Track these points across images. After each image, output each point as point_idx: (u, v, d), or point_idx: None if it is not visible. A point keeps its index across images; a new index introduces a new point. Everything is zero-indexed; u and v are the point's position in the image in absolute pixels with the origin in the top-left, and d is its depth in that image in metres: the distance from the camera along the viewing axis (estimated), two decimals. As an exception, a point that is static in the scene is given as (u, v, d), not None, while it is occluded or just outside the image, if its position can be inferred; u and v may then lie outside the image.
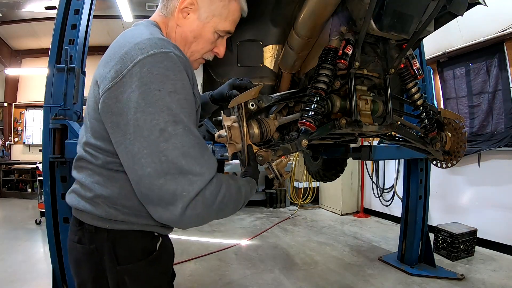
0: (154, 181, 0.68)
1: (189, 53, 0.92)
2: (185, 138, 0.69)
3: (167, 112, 0.68)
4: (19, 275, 2.79)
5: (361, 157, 2.37)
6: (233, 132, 1.03)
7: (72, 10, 2.05)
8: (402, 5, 1.03)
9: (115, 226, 0.80)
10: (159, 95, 0.68)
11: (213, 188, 0.71)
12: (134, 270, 0.80)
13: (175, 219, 0.69)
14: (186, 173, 0.68)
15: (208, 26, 0.89)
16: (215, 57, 1.49)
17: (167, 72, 0.70)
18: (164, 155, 0.67)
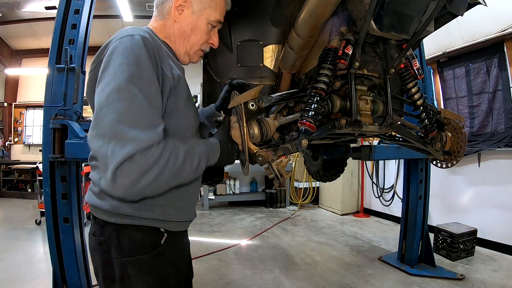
0: (94, 143, 0.72)
1: (189, 46, 1.01)
2: (127, 104, 0.72)
3: (114, 80, 0.74)
4: (19, 275, 2.79)
5: (361, 157, 2.37)
6: (233, 132, 1.03)
7: (72, 10, 2.05)
8: (402, 5, 1.03)
9: (119, 221, 0.85)
10: (112, 67, 0.76)
11: (150, 155, 0.71)
12: (137, 262, 0.85)
13: (109, 185, 0.71)
14: (119, 137, 0.70)
15: (202, 18, 1.00)
16: (215, 58, 1.50)
17: (126, 49, 0.78)
18: (104, 118, 0.71)
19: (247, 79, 1.58)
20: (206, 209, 5.78)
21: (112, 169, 0.69)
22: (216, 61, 1.58)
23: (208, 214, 5.48)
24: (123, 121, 0.71)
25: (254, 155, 1.03)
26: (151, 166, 0.72)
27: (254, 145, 1.06)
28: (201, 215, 5.39)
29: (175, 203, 0.93)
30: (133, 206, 0.84)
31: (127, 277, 0.85)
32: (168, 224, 0.91)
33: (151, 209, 0.87)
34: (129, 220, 0.85)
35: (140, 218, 0.86)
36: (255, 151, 1.03)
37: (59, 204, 1.99)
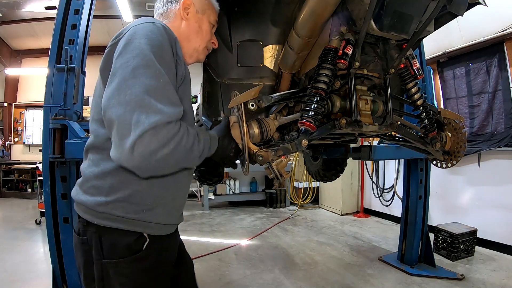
0: (113, 110, 0.73)
1: (198, 42, 1.10)
2: (154, 80, 0.75)
3: (142, 57, 0.76)
4: (19, 275, 2.79)
5: (361, 157, 2.37)
6: (233, 131, 1.03)
7: (72, 10, 2.05)
8: (402, 5, 1.03)
9: (102, 222, 0.85)
10: (137, 44, 0.78)
11: (169, 129, 0.74)
12: (117, 266, 0.85)
13: (126, 154, 0.71)
14: (145, 107, 0.72)
15: (205, 18, 1.10)
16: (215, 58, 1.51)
17: (149, 33, 0.81)
18: (129, 88, 0.73)
19: (247, 79, 1.58)
20: (206, 209, 5.78)
21: (135, 137, 0.70)
22: (216, 61, 1.58)
23: (208, 214, 5.48)
24: (150, 94, 0.73)
25: (254, 155, 1.03)
26: (169, 140, 0.74)
27: (254, 145, 1.06)
28: (201, 215, 5.39)
29: (163, 203, 0.92)
30: (120, 204, 0.85)
31: (107, 278, 0.85)
32: (151, 228, 0.90)
33: (137, 209, 0.86)
34: (112, 223, 0.85)
35: (123, 219, 0.85)
36: (255, 151, 1.03)
37: (59, 204, 1.99)
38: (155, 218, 0.90)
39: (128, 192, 0.85)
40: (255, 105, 1.07)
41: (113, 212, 0.85)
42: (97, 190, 0.86)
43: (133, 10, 5.59)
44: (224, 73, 1.59)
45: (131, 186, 0.85)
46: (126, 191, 0.85)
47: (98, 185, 0.87)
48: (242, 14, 1.47)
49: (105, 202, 0.85)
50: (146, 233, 0.88)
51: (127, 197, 0.85)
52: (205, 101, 1.69)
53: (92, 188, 0.87)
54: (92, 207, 0.86)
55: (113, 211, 0.85)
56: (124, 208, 0.85)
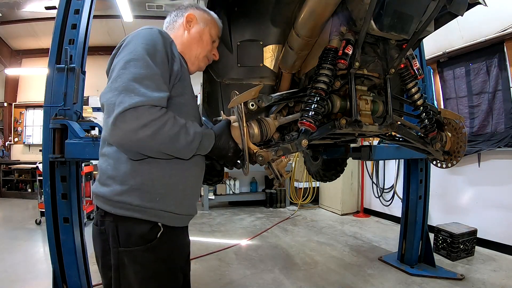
0: (105, 96, 0.82)
1: (199, 50, 1.19)
2: (143, 70, 0.84)
3: (134, 53, 0.87)
4: (19, 275, 2.79)
5: (361, 157, 2.37)
6: (233, 131, 1.03)
7: (72, 10, 2.05)
8: (402, 5, 1.03)
9: (119, 212, 0.91)
10: (133, 44, 0.89)
11: (152, 112, 0.80)
12: (132, 254, 0.90)
13: (110, 129, 0.79)
14: (130, 91, 0.80)
15: (206, 30, 1.21)
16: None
17: (146, 35, 0.92)
18: (119, 77, 0.82)
19: (247, 79, 1.58)
20: (206, 209, 5.78)
21: (116, 114, 0.77)
22: (216, 61, 1.58)
23: (208, 214, 5.48)
24: (136, 81, 0.81)
25: (254, 154, 1.03)
26: (151, 121, 0.79)
27: (254, 145, 1.06)
28: (201, 215, 5.39)
29: (174, 193, 0.97)
30: (134, 193, 0.90)
31: (122, 266, 0.90)
32: (165, 218, 0.94)
33: (151, 198, 0.92)
34: (128, 212, 0.90)
35: (139, 208, 0.90)
36: (255, 150, 1.03)
37: (59, 204, 1.99)
38: (168, 206, 0.95)
39: (140, 180, 0.91)
40: (255, 105, 1.07)
41: (129, 201, 0.90)
42: (113, 180, 0.93)
43: (133, 10, 5.59)
44: (224, 73, 1.59)
45: (143, 174, 0.92)
46: (138, 179, 0.91)
47: (113, 176, 0.93)
48: (242, 14, 1.47)
49: (120, 191, 0.91)
50: (160, 222, 0.93)
51: (139, 185, 0.91)
52: (205, 101, 1.70)
53: (108, 179, 0.94)
54: (109, 197, 0.92)
55: (128, 199, 0.90)
56: (139, 197, 0.91)
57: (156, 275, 0.92)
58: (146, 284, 0.91)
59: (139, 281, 0.90)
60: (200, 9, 1.23)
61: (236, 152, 1.02)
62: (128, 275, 0.90)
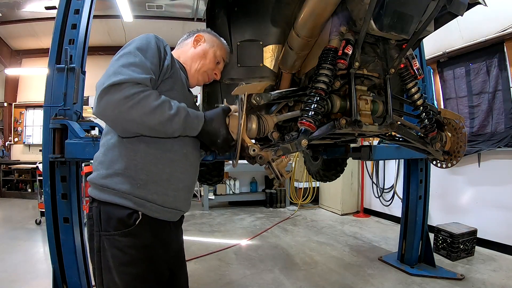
0: (98, 83, 0.89)
1: (199, 65, 1.26)
2: (132, 59, 0.92)
3: (128, 50, 0.96)
4: (19, 275, 2.79)
5: (361, 157, 2.37)
6: (231, 120, 1.04)
7: (72, 10, 2.05)
8: (402, 5, 1.03)
9: (102, 197, 0.96)
10: (129, 46, 0.98)
11: (135, 87, 0.87)
12: (111, 238, 0.94)
13: (96, 104, 0.87)
14: (117, 73, 0.88)
15: (211, 50, 1.29)
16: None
17: (141, 38, 1.02)
18: (112, 66, 0.91)
19: (247, 79, 1.58)
20: (206, 209, 5.78)
21: (102, 88, 0.85)
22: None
23: (208, 214, 5.48)
24: (124, 66, 0.90)
25: (246, 148, 1.03)
26: (133, 94, 0.86)
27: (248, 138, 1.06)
28: (201, 215, 5.39)
29: (157, 181, 1.00)
30: (116, 178, 0.96)
31: (103, 249, 0.95)
32: (146, 207, 0.97)
33: (134, 181, 0.96)
34: (109, 197, 0.95)
35: (119, 192, 0.95)
36: (249, 144, 1.03)
37: (59, 204, 1.98)
38: (149, 196, 0.97)
39: (124, 164, 0.96)
40: (257, 100, 1.08)
41: (111, 185, 0.95)
42: (101, 165, 1.00)
43: (133, 10, 5.59)
44: (224, 73, 1.59)
45: (128, 160, 0.97)
46: (122, 164, 0.96)
47: (102, 161, 1.00)
48: (242, 14, 1.47)
49: (105, 175, 0.97)
50: (140, 211, 0.96)
51: (123, 169, 0.96)
52: (205, 101, 1.70)
53: (98, 165, 1.01)
54: (95, 181, 0.99)
55: (111, 183, 0.96)
56: (121, 181, 0.95)
57: (132, 262, 0.94)
58: (123, 268, 0.94)
59: (117, 266, 0.94)
60: (211, 33, 1.33)
61: (227, 140, 1.02)
62: (107, 258, 0.94)
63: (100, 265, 0.96)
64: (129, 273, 0.94)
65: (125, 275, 0.94)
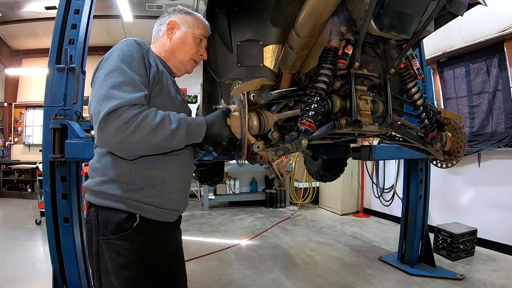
0: (91, 106, 0.90)
1: (182, 54, 1.21)
2: (120, 78, 0.91)
3: (112, 65, 0.94)
4: (19, 275, 2.79)
5: (361, 157, 2.37)
6: (233, 120, 1.03)
7: (72, 10, 2.05)
8: (402, 5, 1.03)
9: (99, 202, 0.97)
10: (111, 57, 0.97)
11: (131, 110, 0.86)
12: (109, 242, 0.95)
13: (98, 135, 0.87)
14: (110, 97, 0.87)
15: (188, 33, 1.21)
16: (215, 57, 1.50)
17: (122, 47, 1.00)
18: (101, 87, 0.90)
19: (247, 79, 1.58)
20: (206, 209, 5.78)
21: (100, 119, 0.84)
22: (216, 61, 1.58)
23: (208, 214, 5.48)
24: (114, 87, 0.88)
25: (250, 146, 1.03)
26: (131, 118, 0.85)
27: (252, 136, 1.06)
28: (201, 215, 5.39)
29: (152, 185, 1.00)
30: (112, 185, 0.96)
31: (101, 253, 0.96)
32: (143, 210, 0.98)
33: (128, 188, 0.96)
34: (106, 202, 0.96)
35: (115, 198, 0.95)
36: (252, 142, 1.03)
37: (59, 204, 1.99)
38: (145, 198, 0.98)
39: (118, 171, 0.97)
40: (255, 97, 1.07)
41: (107, 191, 0.96)
42: (95, 172, 1.00)
43: (133, 10, 5.59)
44: (224, 73, 1.59)
45: (121, 166, 0.97)
46: (117, 170, 0.97)
47: (96, 168, 1.01)
48: (242, 14, 1.47)
49: (101, 181, 0.97)
50: (137, 214, 0.97)
51: (117, 176, 0.96)
52: (205, 101, 1.70)
53: (93, 172, 1.01)
54: (92, 187, 0.99)
55: (107, 189, 0.96)
56: (117, 187, 0.96)
57: (130, 264, 0.95)
58: (120, 271, 0.95)
59: (115, 269, 0.95)
60: (182, 12, 1.24)
61: (231, 141, 1.02)
62: (105, 261, 0.95)
63: (98, 268, 0.97)
64: (126, 276, 0.95)
65: (123, 278, 0.95)
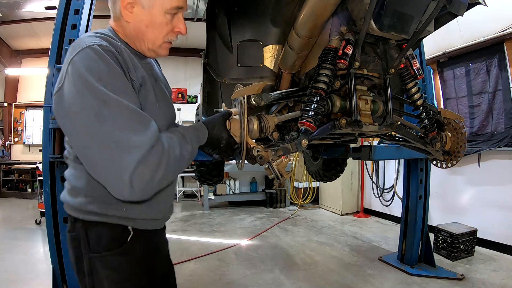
0: (98, 163, 0.74)
1: (149, 43, 0.94)
2: (119, 114, 0.74)
3: (97, 96, 0.73)
4: (19, 275, 2.79)
5: (361, 157, 2.37)
6: (233, 124, 1.03)
7: (72, 10, 2.04)
8: (402, 5, 1.03)
9: (87, 217, 0.88)
10: (87, 85, 0.74)
11: (155, 153, 0.76)
12: (104, 259, 0.88)
13: (128, 193, 0.74)
14: (125, 147, 0.72)
15: (155, 10, 0.90)
16: (215, 58, 1.48)
17: (91, 64, 0.76)
18: (103, 135, 0.72)
19: (247, 79, 1.58)
20: (206, 209, 5.78)
21: (128, 177, 0.72)
22: (216, 61, 1.58)
23: (208, 214, 5.48)
24: (123, 131, 0.73)
25: (251, 149, 1.03)
26: (159, 161, 0.76)
27: (252, 140, 1.06)
28: (201, 215, 5.39)
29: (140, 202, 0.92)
30: (100, 205, 0.87)
31: (95, 272, 0.88)
32: (136, 222, 0.92)
33: (117, 207, 0.88)
34: (96, 217, 0.87)
35: (107, 215, 0.88)
36: (252, 146, 1.03)
37: (59, 204, 1.98)
38: (137, 214, 0.92)
39: (105, 192, 0.82)
40: (256, 101, 1.08)
41: (96, 210, 0.87)
42: (77, 192, 0.89)
43: (133, 10, 5.58)
44: (224, 73, 1.59)
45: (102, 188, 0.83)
46: (103, 191, 0.82)
47: (77, 187, 0.90)
48: (242, 14, 1.47)
49: (86, 202, 0.88)
50: (130, 226, 0.91)
51: (105, 197, 0.84)
52: (205, 101, 1.70)
53: (73, 190, 0.91)
54: (77, 207, 0.89)
55: (96, 209, 0.87)
56: (105, 208, 0.87)
57: (129, 278, 0.90)
58: (119, 286, 0.89)
59: (112, 285, 0.88)
60: None
61: (230, 144, 1.01)
62: (101, 279, 0.88)
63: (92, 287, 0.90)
64: None
65: None
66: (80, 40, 0.83)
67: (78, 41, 0.83)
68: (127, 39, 0.96)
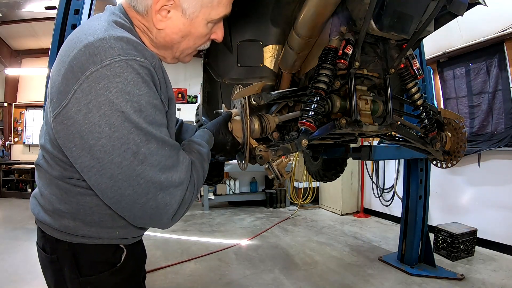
0: (134, 202, 0.66)
1: (178, 52, 0.81)
2: (160, 153, 0.65)
3: (136, 132, 0.61)
4: (19, 275, 2.80)
5: (361, 157, 2.37)
6: (234, 125, 1.04)
7: (72, 10, 2.04)
8: (402, 5, 1.03)
9: (75, 240, 0.77)
10: (123, 117, 0.60)
11: (191, 188, 0.73)
12: (97, 281, 0.78)
13: (164, 227, 0.73)
14: (166, 188, 0.66)
15: (198, 20, 0.75)
16: (215, 58, 1.48)
17: (127, 87, 0.60)
18: (142, 177, 0.63)
19: (247, 79, 1.58)
20: (206, 209, 5.78)
21: (168, 217, 0.70)
22: (216, 61, 1.58)
23: (208, 214, 5.48)
24: (165, 172, 0.66)
25: (253, 149, 1.04)
26: (193, 195, 0.74)
27: (254, 140, 1.07)
28: (201, 215, 5.39)
29: None
30: (92, 228, 0.77)
31: None
32: (128, 239, 0.86)
33: (112, 231, 0.80)
34: (86, 240, 0.77)
35: (97, 237, 0.79)
36: (254, 146, 1.04)
37: (59, 204, 1.98)
38: (129, 234, 0.85)
39: (98, 216, 0.77)
40: (256, 101, 1.08)
41: (86, 234, 0.77)
42: (61, 215, 0.77)
43: (133, 10, 5.59)
44: (224, 73, 1.59)
45: (100, 211, 0.77)
46: (95, 216, 0.76)
47: (62, 210, 0.77)
48: (242, 14, 1.47)
49: (74, 226, 0.76)
50: (122, 244, 0.84)
51: (97, 221, 0.77)
52: (205, 101, 1.70)
53: (56, 212, 0.78)
54: (62, 230, 0.77)
55: (86, 233, 0.77)
56: (97, 231, 0.78)
57: None
58: None
59: None
60: None
61: (234, 145, 1.02)
62: None
63: None
64: None
65: None
66: (104, 42, 0.61)
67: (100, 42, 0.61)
68: (153, 48, 0.78)
